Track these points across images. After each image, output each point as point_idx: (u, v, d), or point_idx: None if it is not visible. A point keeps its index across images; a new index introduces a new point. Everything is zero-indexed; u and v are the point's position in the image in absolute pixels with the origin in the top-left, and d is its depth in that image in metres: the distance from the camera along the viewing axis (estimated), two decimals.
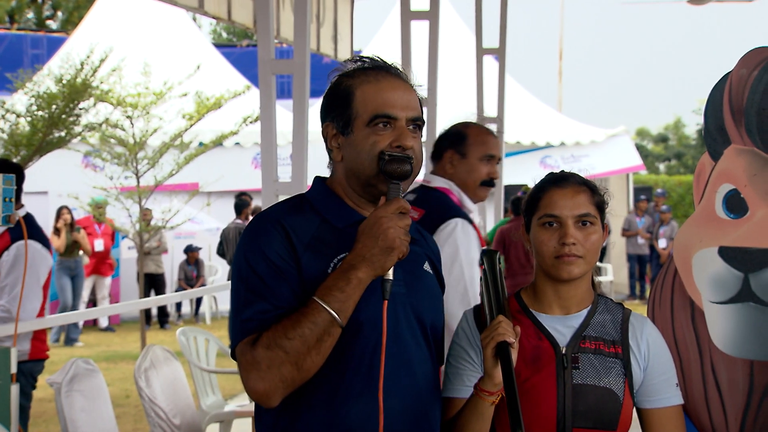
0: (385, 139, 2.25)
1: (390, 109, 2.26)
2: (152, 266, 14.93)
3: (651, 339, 2.53)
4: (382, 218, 2.16)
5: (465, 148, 3.93)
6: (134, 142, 11.14)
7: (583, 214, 2.46)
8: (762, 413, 2.64)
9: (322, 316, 2.13)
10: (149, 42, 16.72)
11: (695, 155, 41.33)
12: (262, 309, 2.18)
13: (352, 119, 2.27)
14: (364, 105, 2.26)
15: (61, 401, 4.20)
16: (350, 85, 2.30)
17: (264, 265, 2.21)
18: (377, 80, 2.29)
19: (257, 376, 2.14)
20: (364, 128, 2.26)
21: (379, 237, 2.14)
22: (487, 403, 2.30)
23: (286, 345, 2.12)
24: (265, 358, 2.12)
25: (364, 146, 2.25)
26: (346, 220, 2.30)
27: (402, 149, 2.24)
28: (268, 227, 2.25)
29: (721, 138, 2.73)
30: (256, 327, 2.17)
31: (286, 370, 2.13)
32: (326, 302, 2.14)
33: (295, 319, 2.14)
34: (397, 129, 2.26)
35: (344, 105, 2.29)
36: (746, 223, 2.66)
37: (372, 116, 2.25)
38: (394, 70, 2.34)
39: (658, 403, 2.52)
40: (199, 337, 6.98)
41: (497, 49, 13.74)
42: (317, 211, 2.31)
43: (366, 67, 2.34)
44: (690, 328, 2.74)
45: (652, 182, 26.79)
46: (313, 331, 2.12)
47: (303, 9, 6.62)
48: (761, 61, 2.65)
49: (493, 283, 2.39)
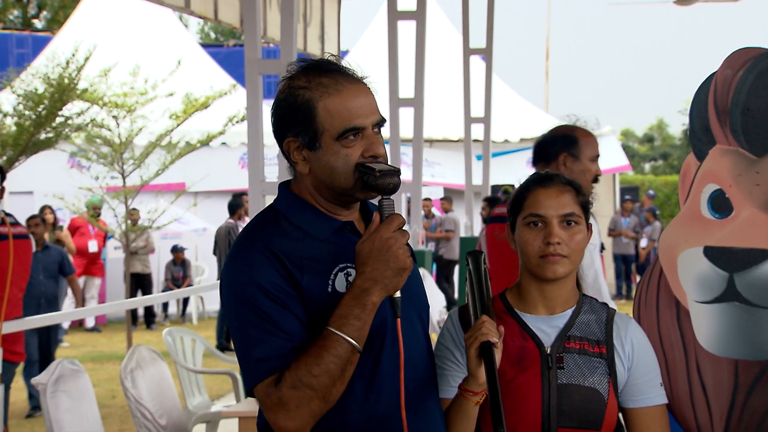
0: (356, 150, 2.20)
1: (357, 121, 2.20)
2: (139, 266, 14.90)
3: (635, 339, 2.54)
4: (388, 240, 2.12)
5: (577, 151, 4.21)
6: (120, 142, 11.11)
7: (567, 214, 2.47)
8: (747, 413, 2.65)
9: (343, 348, 2.10)
10: (135, 42, 16.69)
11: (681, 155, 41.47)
12: (276, 346, 2.13)
13: (319, 134, 2.20)
14: (329, 120, 2.19)
15: (46, 402, 4.18)
16: (310, 99, 2.20)
17: (265, 299, 2.14)
18: (338, 90, 2.20)
19: (287, 416, 2.10)
20: (333, 143, 2.20)
21: (390, 260, 2.12)
22: (471, 403, 2.30)
23: (313, 383, 2.09)
24: (293, 398, 2.09)
25: (337, 161, 2.20)
26: (327, 231, 2.26)
27: (375, 158, 2.20)
28: (258, 256, 2.18)
29: (706, 138, 2.73)
30: (276, 366, 2.12)
31: (315, 405, 2.11)
32: (345, 332, 2.10)
33: (317, 354, 2.10)
34: (366, 137, 2.21)
35: (307, 120, 2.21)
36: (731, 223, 2.67)
37: (341, 132, 2.19)
38: (349, 72, 2.26)
39: (642, 403, 2.52)
40: (186, 337, 6.96)
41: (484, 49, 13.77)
42: (296, 226, 2.25)
43: (320, 72, 2.24)
44: (675, 328, 2.75)
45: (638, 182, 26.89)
46: (337, 365, 2.10)
47: (290, 9, 6.61)
48: (746, 62, 2.66)
49: (478, 284, 2.39)
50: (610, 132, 19.75)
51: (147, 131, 11.60)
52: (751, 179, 2.64)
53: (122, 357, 5.05)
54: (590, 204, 2.56)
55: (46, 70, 10.20)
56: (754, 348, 2.63)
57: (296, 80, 2.25)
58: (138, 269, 14.84)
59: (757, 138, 2.63)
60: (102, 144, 11.23)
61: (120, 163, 11.20)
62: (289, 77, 2.27)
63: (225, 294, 2.23)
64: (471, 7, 13.31)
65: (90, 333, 14.50)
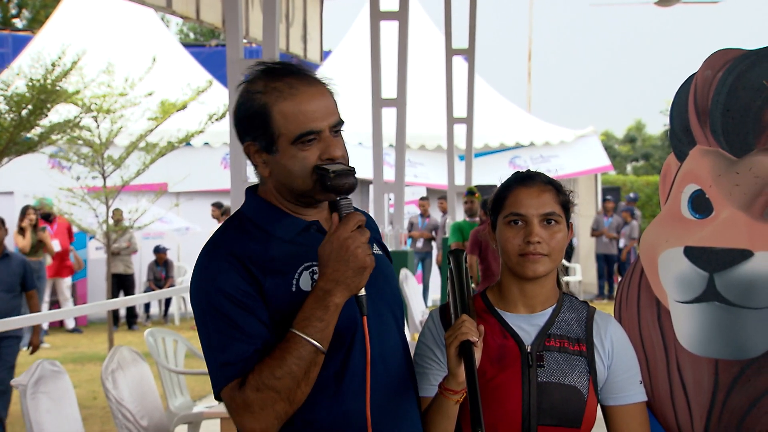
0: (313, 153, 2.20)
1: (312, 124, 2.20)
2: (121, 267, 14.85)
3: (615, 337, 2.55)
4: (346, 240, 2.12)
5: None
6: (100, 143, 11.07)
7: (548, 213, 2.48)
8: (726, 411, 2.67)
9: (306, 349, 2.11)
10: (117, 41, 16.62)
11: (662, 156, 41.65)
12: (240, 350, 2.14)
13: (275, 139, 2.21)
14: (285, 124, 2.20)
15: (26, 403, 4.15)
16: (265, 104, 2.21)
17: (229, 304, 2.16)
18: (292, 94, 2.21)
19: (251, 418, 2.11)
20: (290, 147, 2.21)
21: (350, 260, 2.12)
22: (451, 402, 2.30)
23: (276, 385, 2.09)
24: (256, 400, 2.10)
25: (294, 164, 2.21)
26: (292, 231, 2.27)
27: (332, 161, 2.20)
28: (222, 263, 2.19)
29: (686, 139, 2.74)
30: (240, 370, 2.13)
31: (279, 407, 2.11)
32: (308, 334, 2.11)
33: (280, 356, 2.11)
34: (323, 140, 2.21)
35: (263, 125, 2.22)
36: (711, 223, 2.68)
37: (296, 136, 2.20)
38: (305, 74, 2.26)
39: (622, 400, 2.53)
40: (168, 338, 6.94)
41: (467, 50, 13.81)
42: (261, 229, 2.26)
43: (276, 76, 2.24)
44: (656, 328, 2.76)
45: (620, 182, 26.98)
46: (300, 366, 2.10)
47: (272, 9, 6.60)
48: (726, 63, 2.67)
49: (459, 283, 2.39)
50: (592, 132, 19.82)
51: (127, 132, 11.56)
52: (730, 180, 2.65)
53: (103, 358, 5.03)
54: (571, 203, 2.56)
55: (29, 70, 10.14)
56: (733, 347, 2.64)
57: (253, 85, 2.26)
58: (120, 270, 14.79)
59: (737, 139, 2.64)
60: (82, 145, 11.18)
61: (100, 164, 11.16)
62: (247, 82, 2.28)
63: (193, 302, 2.26)
64: (453, 7, 13.34)
65: (71, 334, 14.43)
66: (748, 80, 2.63)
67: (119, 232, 12.95)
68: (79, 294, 15.30)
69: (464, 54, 14.00)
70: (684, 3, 21.68)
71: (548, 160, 18.56)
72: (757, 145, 2.62)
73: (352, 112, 15.38)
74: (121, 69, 11.64)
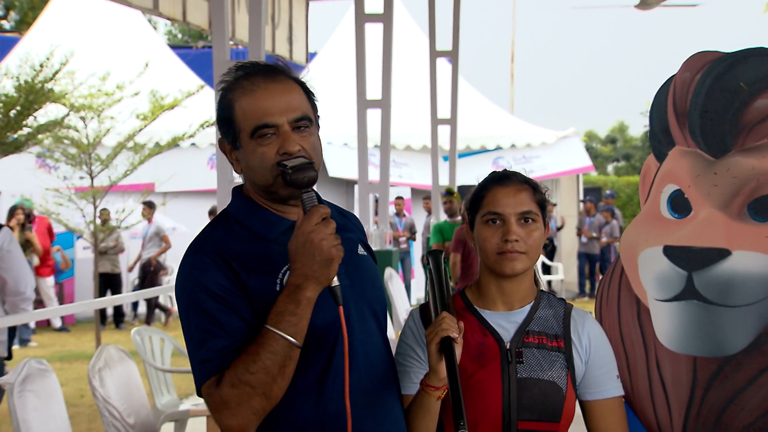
0: (272, 149, 2.20)
1: (268, 118, 2.21)
2: (109, 266, 14.79)
3: (592, 333, 2.56)
4: (310, 234, 2.12)
5: None
6: (88, 143, 11.03)
7: (525, 212, 2.49)
8: (704, 408, 2.68)
9: (279, 344, 2.10)
10: (104, 43, 16.56)
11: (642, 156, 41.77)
12: (218, 347, 2.14)
13: (238, 134, 2.24)
14: (244, 119, 2.22)
15: (13, 402, 4.12)
16: (231, 100, 2.25)
17: (211, 301, 2.16)
18: (252, 90, 2.23)
19: (229, 414, 2.11)
20: (250, 141, 2.22)
21: (315, 253, 2.11)
22: (433, 398, 2.31)
23: (251, 380, 2.09)
24: (233, 397, 2.10)
25: (254, 159, 2.22)
26: (276, 230, 2.27)
27: (288, 155, 2.20)
28: (206, 261, 2.20)
29: (665, 140, 2.75)
30: (216, 366, 2.13)
31: (255, 402, 2.11)
32: (280, 329, 2.10)
33: (254, 352, 2.10)
34: (281, 135, 2.21)
35: (229, 121, 2.25)
36: (690, 223, 2.69)
37: (253, 129, 2.21)
38: (272, 71, 2.27)
39: (599, 395, 2.54)
40: (154, 336, 6.92)
41: (450, 52, 13.82)
42: (247, 228, 2.27)
43: (244, 74, 2.26)
44: (636, 325, 2.77)
45: (601, 183, 27.05)
46: (274, 361, 2.10)
47: (258, 11, 6.60)
48: (704, 65, 2.68)
49: (438, 282, 2.40)
50: (573, 133, 19.87)
51: (115, 132, 11.52)
52: (709, 180, 2.66)
53: (90, 356, 5.00)
54: (547, 202, 2.58)
55: (17, 71, 10.09)
56: (712, 345, 2.65)
57: (226, 84, 2.29)
58: (107, 269, 14.73)
59: (715, 140, 2.66)
60: (69, 145, 11.14)
61: (88, 164, 11.12)
62: (222, 83, 2.30)
63: (177, 299, 2.26)
64: (437, 10, 13.35)
65: (58, 333, 14.36)
66: (726, 82, 2.64)
67: (106, 231, 12.90)
68: (66, 293, 15.23)
69: (448, 56, 14.02)
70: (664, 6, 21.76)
71: (531, 161, 18.60)
72: (735, 146, 2.63)
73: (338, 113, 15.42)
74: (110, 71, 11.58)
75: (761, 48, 2.65)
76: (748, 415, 2.62)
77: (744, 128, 2.62)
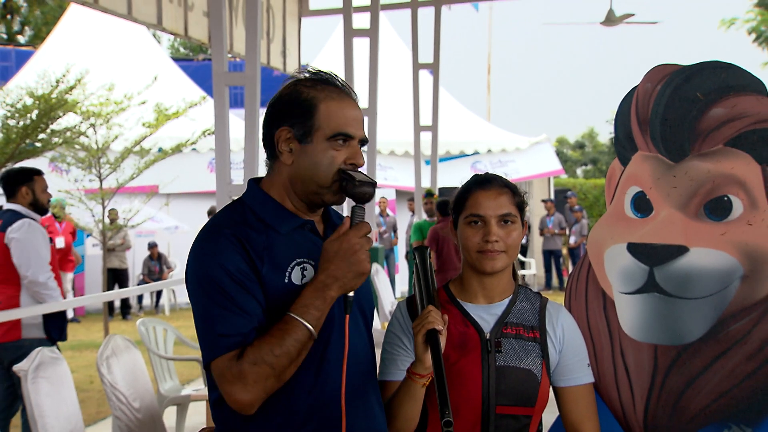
0: (342, 155, 2.20)
1: (350, 128, 2.21)
2: (116, 262, 14.74)
3: (565, 324, 2.56)
4: (355, 244, 2.12)
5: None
6: (97, 148, 11.00)
7: (505, 214, 2.48)
8: (664, 392, 2.69)
9: (303, 333, 2.09)
10: (112, 56, 16.49)
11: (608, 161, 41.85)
12: (238, 324, 2.10)
13: (314, 130, 2.20)
14: (327, 120, 2.20)
15: (27, 387, 4.11)
16: (314, 97, 2.21)
17: (228, 280, 2.11)
18: (340, 98, 2.23)
19: (243, 389, 2.07)
20: (324, 141, 2.19)
21: (353, 263, 2.11)
22: (418, 385, 2.30)
23: (274, 362, 2.07)
24: (251, 373, 2.07)
25: (323, 159, 2.19)
26: (288, 226, 2.23)
27: (355, 166, 2.21)
28: (224, 241, 2.14)
29: (629, 145, 2.76)
30: (236, 343, 2.09)
31: (270, 382, 2.08)
32: (306, 319, 2.09)
33: (280, 336, 2.08)
34: (352, 147, 2.22)
35: (306, 114, 2.20)
36: (651, 222, 2.70)
37: (335, 132, 2.19)
38: (349, 91, 2.28)
39: (571, 382, 2.55)
40: (158, 327, 6.91)
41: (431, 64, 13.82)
42: (260, 218, 2.22)
43: (327, 82, 2.27)
44: (602, 317, 2.77)
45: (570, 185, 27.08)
46: (296, 348, 2.08)
47: (254, 26, 6.59)
48: (664, 77, 2.69)
49: (424, 276, 2.39)
50: (545, 140, 19.88)
51: (122, 138, 11.49)
52: (668, 182, 2.67)
53: (99, 345, 4.98)
54: (525, 204, 2.58)
55: (34, 85, 10.05)
56: (671, 334, 2.66)
57: (303, 82, 2.26)
58: (115, 264, 14.68)
59: (674, 145, 2.66)
60: (80, 150, 11.10)
61: (97, 167, 11.08)
62: (295, 79, 2.28)
63: (191, 274, 2.18)
64: (420, 25, 13.35)
65: (70, 323, 14.23)
66: (684, 92, 2.65)
67: (114, 230, 12.86)
68: (77, 287, 15.17)
69: (429, 68, 14.01)
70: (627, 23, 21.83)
71: (506, 164, 18.62)
72: (692, 151, 2.64)
73: None
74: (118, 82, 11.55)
75: (716, 61, 2.65)
76: (704, 398, 2.63)
77: (700, 135, 2.63)
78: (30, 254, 5.78)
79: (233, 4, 9.62)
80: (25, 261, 5.78)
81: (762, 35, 26.41)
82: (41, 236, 5.86)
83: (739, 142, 2.59)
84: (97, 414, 7.89)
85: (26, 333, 5.76)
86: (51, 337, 5.86)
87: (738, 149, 2.59)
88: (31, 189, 5.93)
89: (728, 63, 2.64)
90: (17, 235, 5.79)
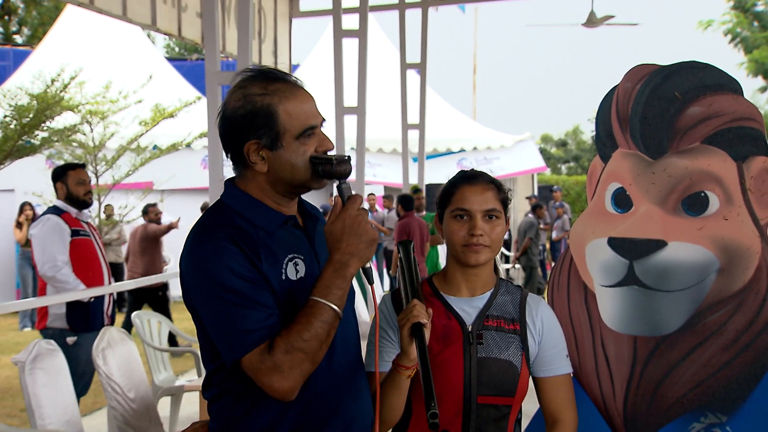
0: (311, 146, 2.18)
1: (312, 120, 2.20)
2: (112, 256, 14.67)
3: (545, 317, 2.57)
4: (356, 217, 2.12)
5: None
6: (93, 146, 10.97)
7: (490, 209, 2.48)
8: (643, 382, 2.69)
9: (329, 314, 2.08)
10: (108, 55, 16.43)
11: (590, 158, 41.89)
12: (260, 318, 2.07)
13: (281, 135, 2.16)
14: (290, 121, 2.16)
15: (24, 378, 4.09)
16: (269, 104, 2.16)
17: (238, 280, 2.07)
18: (293, 94, 2.19)
19: (281, 378, 2.05)
20: (294, 141, 2.17)
21: (361, 234, 2.12)
22: (403, 377, 2.30)
23: (305, 347, 2.05)
24: (286, 362, 2.04)
25: (298, 158, 2.17)
26: (274, 223, 2.21)
27: (325, 152, 2.20)
28: (221, 245, 2.09)
29: (609, 143, 2.76)
30: (264, 336, 2.07)
31: (306, 366, 2.07)
32: (330, 300, 2.08)
33: (306, 321, 2.06)
34: (318, 135, 2.21)
35: (269, 123, 2.16)
36: (631, 217, 2.70)
37: (302, 130, 2.17)
38: (294, 80, 2.24)
39: (550, 372, 2.55)
40: (153, 319, 6.90)
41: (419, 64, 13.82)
42: (246, 219, 2.19)
43: (271, 79, 2.21)
44: (583, 309, 2.78)
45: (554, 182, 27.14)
46: (324, 330, 2.07)
47: (246, 27, 6.57)
48: (643, 77, 2.69)
49: (408, 270, 2.39)
50: (529, 137, 19.91)
51: (118, 136, 11.46)
52: (648, 179, 2.67)
53: None
54: (510, 200, 2.58)
55: (31, 84, 10.01)
56: (649, 325, 2.66)
57: (250, 89, 2.19)
58: (111, 259, 14.60)
59: (653, 143, 2.67)
60: (77, 147, 11.07)
61: (93, 164, 11.05)
62: (241, 87, 2.21)
63: (193, 283, 2.12)
64: (407, 26, 13.34)
65: None
66: (663, 92, 2.65)
67: (110, 225, 12.82)
68: None
69: (417, 68, 14.01)
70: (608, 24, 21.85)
71: (491, 162, 18.64)
72: (671, 149, 2.64)
73: None
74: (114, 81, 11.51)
75: (693, 62, 2.66)
76: (681, 388, 2.64)
77: (678, 132, 2.63)
78: (40, 250, 5.88)
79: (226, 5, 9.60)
80: (39, 257, 5.89)
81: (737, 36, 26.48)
82: (53, 231, 5.89)
83: (716, 140, 2.60)
84: (93, 404, 7.86)
85: (51, 323, 5.89)
86: (74, 328, 5.90)
87: (715, 147, 2.60)
88: (65, 183, 6.00)
89: (705, 63, 2.65)
90: (34, 231, 5.93)
